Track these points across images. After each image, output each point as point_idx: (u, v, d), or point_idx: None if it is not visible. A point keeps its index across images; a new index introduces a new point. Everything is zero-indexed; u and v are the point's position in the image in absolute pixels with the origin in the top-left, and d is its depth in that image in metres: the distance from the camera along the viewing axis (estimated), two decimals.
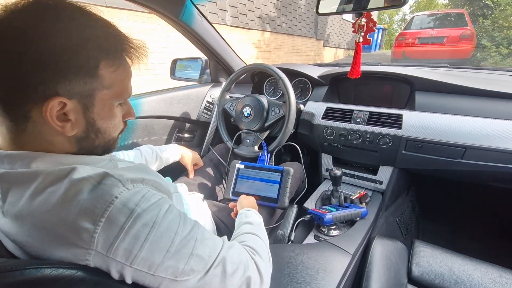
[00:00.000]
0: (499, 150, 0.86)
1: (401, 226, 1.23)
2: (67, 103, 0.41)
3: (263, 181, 0.96)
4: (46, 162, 0.42)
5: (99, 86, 0.44)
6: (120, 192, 0.40)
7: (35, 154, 0.42)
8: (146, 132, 1.27)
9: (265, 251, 0.59)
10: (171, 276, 0.41)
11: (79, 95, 0.42)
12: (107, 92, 0.45)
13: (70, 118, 0.43)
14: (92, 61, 0.42)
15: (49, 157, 0.43)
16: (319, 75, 1.28)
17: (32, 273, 0.33)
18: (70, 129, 0.43)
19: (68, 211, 0.37)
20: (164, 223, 0.41)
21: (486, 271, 0.74)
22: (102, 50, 0.42)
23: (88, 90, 0.43)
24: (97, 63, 0.42)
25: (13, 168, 0.41)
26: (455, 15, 6.37)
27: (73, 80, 0.40)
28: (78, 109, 0.43)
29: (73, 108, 0.42)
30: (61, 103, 0.40)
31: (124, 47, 0.46)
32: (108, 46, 0.43)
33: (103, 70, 0.43)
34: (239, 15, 5.15)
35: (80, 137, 0.46)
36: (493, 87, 0.96)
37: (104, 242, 0.37)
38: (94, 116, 0.45)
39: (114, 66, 0.45)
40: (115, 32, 0.45)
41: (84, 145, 0.47)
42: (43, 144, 0.43)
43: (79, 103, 0.43)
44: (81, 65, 0.41)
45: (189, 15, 1.17)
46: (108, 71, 0.44)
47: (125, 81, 0.48)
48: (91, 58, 0.41)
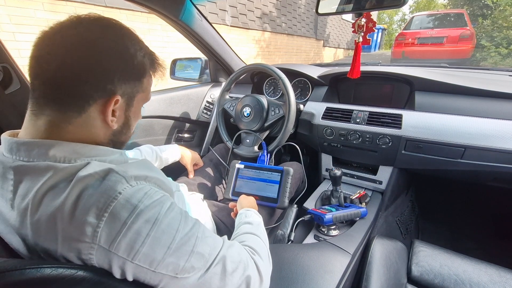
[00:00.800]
0: (498, 150, 0.86)
1: (400, 226, 1.24)
2: (120, 100, 0.48)
3: (263, 181, 0.96)
4: (62, 151, 0.43)
5: (139, 89, 0.52)
6: (123, 188, 0.40)
7: (52, 142, 0.43)
8: (146, 132, 1.27)
9: (264, 251, 0.59)
10: (172, 273, 0.42)
11: (127, 95, 0.49)
12: (142, 95, 0.53)
13: (116, 113, 0.49)
14: (143, 69, 0.51)
15: (66, 146, 0.44)
16: (319, 75, 1.29)
17: (32, 273, 0.33)
18: (115, 124, 0.49)
19: (74, 207, 0.38)
20: (166, 220, 0.42)
21: (486, 271, 0.74)
22: (150, 62, 0.52)
23: (133, 92, 0.51)
24: (145, 73, 0.51)
25: (30, 155, 0.42)
26: (455, 15, 6.37)
27: (129, 83, 0.49)
28: (123, 107, 0.50)
29: (120, 106, 0.49)
30: (117, 101, 0.47)
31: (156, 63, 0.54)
32: (151, 60, 0.53)
33: (145, 78, 0.52)
34: (239, 15, 5.15)
35: (117, 131, 0.51)
36: (493, 87, 0.96)
37: (107, 237, 0.38)
38: (130, 114, 0.53)
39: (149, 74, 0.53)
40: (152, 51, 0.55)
41: (116, 138, 0.52)
42: (82, 136, 0.46)
43: (124, 102, 0.50)
44: (138, 74, 0.50)
45: (188, 15, 1.17)
46: (147, 78, 0.53)
47: (150, 87, 0.56)
48: (144, 66, 0.50)
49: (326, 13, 0.93)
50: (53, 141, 0.43)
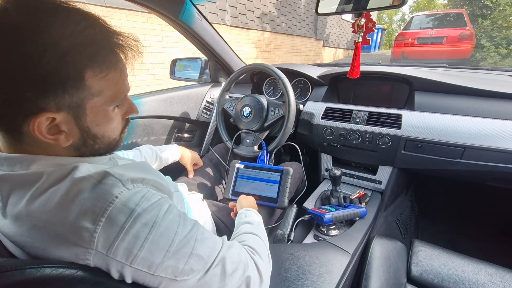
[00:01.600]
0: (498, 150, 0.86)
1: (400, 226, 1.24)
2: (56, 116, 0.39)
3: (263, 181, 0.96)
4: (46, 164, 0.42)
5: (87, 95, 0.41)
6: (120, 192, 0.40)
7: (34, 157, 0.42)
8: (145, 132, 1.27)
9: (264, 251, 0.59)
10: (171, 275, 0.41)
11: (67, 107, 0.40)
12: (98, 99, 0.42)
13: (63, 129, 0.41)
14: (75, 72, 0.38)
15: (49, 160, 0.43)
16: (319, 75, 1.29)
17: (32, 273, 0.33)
18: (65, 140, 0.42)
19: (69, 211, 0.38)
20: (164, 223, 0.41)
21: (485, 271, 0.74)
22: (86, 58, 0.39)
23: (76, 101, 0.40)
24: (81, 74, 0.39)
25: (13, 170, 0.41)
26: (454, 15, 6.37)
27: (57, 94, 0.38)
28: (69, 120, 0.41)
29: (64, 120, 0.40)
30: (49, 118, 0.39)
31: (114, 47, 0.42)
32: (93, 51, 0.39)
33: (90, 79, 0.40)
34: (239, 15, 5.15)
35: (78, 145, 0.44)
36: (492, 87, 0.96)
37: (104, 242, 0.37)
38: (87, 124, 0.43)
39: (103, 72, 0.41)
40: (103, 31, 0.41)
41: (84, 150, 0.46)
42: (40, 150, 0.43)
43: (69, 114, 0.40)
44: (63, 79, 0.37)
45: (188, 15, 1.17)
46: (96, 78, 0.40)
47: (118, 84, 0.44)
48: (73, 70, 0.38)
49: (326, 13, 0.93)
50: (35, 156, 0.42)
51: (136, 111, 0.53)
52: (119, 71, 0.44)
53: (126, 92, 0.48)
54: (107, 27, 0.42)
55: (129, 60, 0.45)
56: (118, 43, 0.42)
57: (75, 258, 0.38)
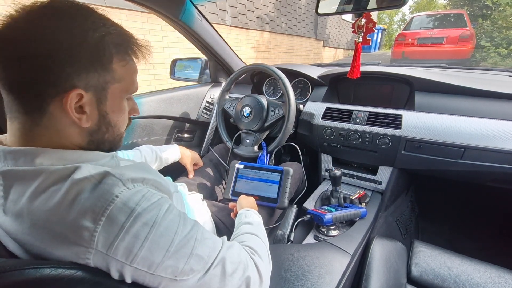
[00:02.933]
0: (498, 151, 0.86)
1: (400, 226, 1.24)
2: (84, 95, 0.43)
3: (263, 181, 0.96)
4: (50, 158, 0.42)
5: (111, 79, 0.46)
6: (120, 191, 0.40)
7: (38, 150, 0.42)
8: (145, 132, 1.27)
9: (264, 251, 0.59)
10: (171, 275, 0.41)
11: (94, 88, 0.44)
12: (118, 86, 0.47)
13: (85, 110, 0.44)
14: (107, 55, 0.44)
15: (53, 153, 0.43)
16: (319, 75, 1.29)
17: (31, 273, 0.33)
18: (85, 121, 0.45)
19: (69, 210, 0.38)
20: (164, 223, 0.42)
21: (485, 271, 0.74)
22: (115, 46, 0.45)
23: (102, 83, 0.45)
24: (111, 58, 0.44)
25: (17, 164, 0.41)
26: (455, 16, 6.37)
27: (89, 73, 0.42)
28: (93, 101, 0.45)
29: (89, 100, 0.44)
30: (79, 95, 0.42)
31: (131, 45, 0.48)
32: (119, 42, 0.46)
33: (116, 64, 0.45)
34: (239, 15, 5.15)
35: (93, 130, 0.47)
36: (492, 87, 0.96)
37: (104, 241, 0.37)
38: (106, 109, 0.47)
39: (124, 61, 0.47)
40: (123, 30, 0.48)
41: (95, 138, 0.48)
42: (54, 138, 0.44)
43: (94, 96, 0.44)
44: (97, 59, 0.43)
45: (188, 15, 1.17)
46: (119, 65, 0.46)
47: (133, 76, 0.50)
48: (106, 53, 0.44)
49: (326, 13, 0.93)
50: (39, 149, 0.42)
51: (137, 111, 0.56)
52: (133, 64, 0.50)
53: (137, 87, 0.52)
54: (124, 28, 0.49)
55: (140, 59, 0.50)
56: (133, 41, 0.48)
57: (75, 258, 0.38)
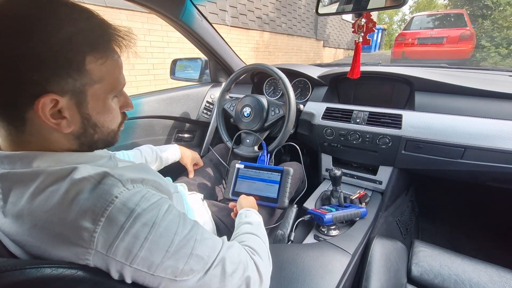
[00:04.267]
0: (498, 150, 0.86)
1: (400, 226, 1.24)
2: (59, 100, 0.40)
3: (263, 181, 0.96)
4: (46, 161, 0.42)
5: (89, 81, 0.42)
6: (120, 192, 0.40)
7: (35, 154, 0.42)
8: (146, 132, 1.27)
9: (264, 251, 0.59)
10: (171, 276, 0.41)
11: (70, 92, 0.41)
12: (99, 87, 0.44)
13: (65, 115, 0.42)
14: (77, 56, 0.40)
15: (50, 156, 0.43)
16: (319, 75, 1.29)
17: (32, 273, 0.33)
18: (66, 126, 0.43)
19: (69, 211, 0.38)
20: (164, 223, 0.42)
21: (486, 271, 0.74)
22: (87, 44, 0.41)
23: (79, 87, 0.42)
24: (83, 58, 0.41)
25: (14, 167, 0.41)
26: (455, 16, 6.37)
27: (61, 77, 0.39)
28: (71, 105, 0.42)
29: (66, 105, 0.41)
30: (53, 100, 0.40)
31: (110, 37, 0.44)
32: (93, 38, 0.42)
33: (91, 65, 0.42)
34: (239, 15, 5.15)
35: (78, 133, 0.45)
36: (493, 87, 0.96)
37: (104, 242, 0.37)
38: (89, 111, 0.44)
39: (102, 59, 0.43)
40: (100, 22, 0.43)
41: (84, 140, 0.47)
42: (43, 143, 0.43)
43: (71, 100, 0.42)
44: (66, 62, 0.39)
45: (189, 15, 1.17)
46: (96, 64, 0.42)
47: (115, 72, 0.46)
48: (76, 54, 0.40)
49: (326, 13, 0.93)
50: (36, 153, 0.42)
51: (131, 106, 0.54)
52: (116, 59, 0.46)
53: (123, 83, 0.49)
54: (103, 19, 0.44)
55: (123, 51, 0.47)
56: (113, 33, 0.44)
57: (75, 258, 0.38)
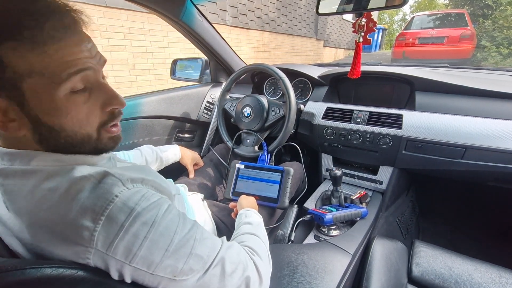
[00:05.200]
0: (499, 150, 0.86)
1: (401, 226, 1.23)
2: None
3: (263, 181, 0.96)
4: (45, 161, 0.42)
5: (15, 75, 0.36)
6: (120, 191, 0.40)
7: (33, 153, 0.42)
8: (146, 132, 1.27)
9: (264, 251, 0.59)
10: (170, 275, 0.41)
11: (3, 90, 0.36)
12: (35, 80, 0.37)
13: (12, 117, 0.39)
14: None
15: (48, 156, 0.43)
16: (319, 75, 1.29)
17: (32, 273, 0.33)
18: (17, 129, 0.40)
19: (69, 209, 0.38)
20: (164, 222, 0.42)
21: (487, 271, 0.74)
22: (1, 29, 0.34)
23: (8, 83, 0.36)
24: None
25: (13, 164, 0.42)
26: (455, 15, 6.37)
27: None
28: (13, 105, 0.38)
29: (6, 105, 0.37)
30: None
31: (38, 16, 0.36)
32: (3, 25, 0.34)
33: (9, 56, 0.35)
34: (239, 15, 5.15)
35: (36, 137, 0.41)
36: (494, 87, 0.96)
37: (104, 240, 0.37)
38: (35, 112, 0.39)
39: (28, 46, 0.35)
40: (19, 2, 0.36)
41: (49, 145, 0.42)
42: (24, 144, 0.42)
43: (10, 99, 0.37)
44: None
45: (189, 15, 1.17)
46: (19, 53, 0.35)
47: (60, 60, 0.37)
48: None
49: (326, 13, 0.93)
50: (36, 152, 0.42)
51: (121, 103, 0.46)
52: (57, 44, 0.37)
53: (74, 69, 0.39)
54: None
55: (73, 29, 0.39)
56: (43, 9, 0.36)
57: (75, 257, 0.38)
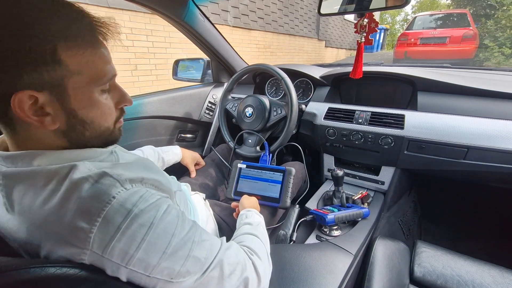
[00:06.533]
0: (502, 151, 0.85)
1: (403, 227, 1.23)
2: (38, 96, 0.38)
3: (265, 181, 0.96)
4: (47, 159, 0.42)
5: (66, 73, 0.40)
6: (117, 192, 0.40)
7: (35, 153, 0.42)
8: (148, 133, 1.28)
9: (263, 251, 0.58)
10: (167, 277, 0.41)
11: (48, 86, 0.39)
12: (80, 78, 0.41)
13: (48, 111, 0.40)
14: (46, 47, 0.37)
15: (49, 154, 0.43)
16: (321, 76, 1.29)
17: (36, 272, 0.33)
18: (51, 123, 0.41)
19: (66, 210, 0.38)
20: (162, 224, 0.41)
21: (489, 272, 0.74)
22: (57, 33, 0.38)
23: (56, 79, 0.39)
24: (54, 49, 0.38)
25: (16, 166, 0.42)
26: (458, 15, 6.34)
27: (33, 71, 0.37)
28: (53, 101, 0.40)
29: (47, 100, 0.40)
30: (32, 97, 0.38)
31: (88, 26, 0.41)
32: (64, 27, 0.39)
33: (65, 54, 0.39)
34: (241, 16, 5.16)
35: (66, 130, 0.43)
36: (496, 87, 0.96)
37: (100, 242, 0.37)
38: (73, 106, 0.42)
39: (78, 49, 0.40)
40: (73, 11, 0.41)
41: (73, 137, 0.45)
42: (37, 142, 0.43)
43: (52, 95, 0.40)
44: (35, 54, 0.37)
45: (191, 16, 1.18)
46: (72, 54, 0.39)
47: (98, 63, 0.43)
48: (45, 44, 0.37)
49: (328, 13, 0.93)
50: (37, 151, 0.42)
51: (129, 101, 0.51)
52: (97, 49, 0.43)
53: (110, 76, 0.46)
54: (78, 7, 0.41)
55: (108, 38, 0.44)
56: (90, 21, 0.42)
57: (71, 258, 0.38)
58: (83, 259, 0.38)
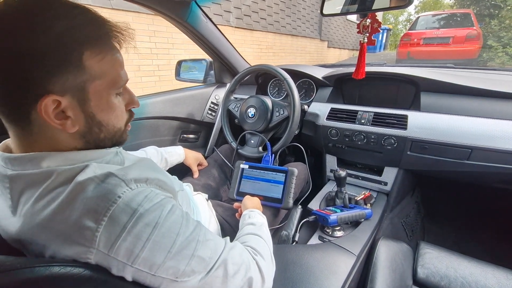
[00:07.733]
0: (506, 151, 0.85)
1: (406, 228, 1.23)
2: (61, 100, 0.40)
3: (268, 182, 0.96)
4: (56, 161, 0.43)
5: (89, 77, 0.42)
6: (123, 191, 0.40)
7: (43, 154, 0.42)
8: (151, 133, 1.28)
9: (267, 252, 0.59)
10: (172, 276, 0.42)
11: (71, 90, 0.41)
12: (100, 83, 0.43)
13: (69, 115, 0.42)
14: (74, 53, 0.39)
15: (58, 156, 0.43)
16: (324, 76, 1.28)
17: (41, 271, 0.33)
18: (71, 126, 0.43)
19: (72, 210, 0.38)
20: (166, 224, 0.42)
21: (493, 274, 0.73)
22: (84, 39, 0.40)
23: (79, 84, 0.41)
24: (80, 54, 0.40)
25: (24, 168, 0.42)
26: (461, 15, 6.30)
27: (59, 75, 0.39)
28: (74, 104, 0.42)
29: (69, 104, 0.41)
30: (55, 101, 0.39)
31: (107, 32, 0.43)
32: (89, 33, 0.41)
33: (89, 60, 0.41)
34: (243, 17, 5.17)
35: (84, 132, 0.45)
36: (500, 87, 0.95)
37: (106, 241, 0.38)
38: (92, 109, 0.44)
39: (100, 54, 0.42)
40: (96, 17, 0.43)
41: (90, 139, 0.46)
42: (50, 144, 0.44)
43: (73, 99, 0.41)
44: (63, 59, 0.39)
45: (194, 17, 1.18)
46: (95, 60, 0.42)
47: (116, 68, 0.46)
48: (72, 50, 0.39)
49: (331, 14, 0.93)
50: (44, 153, 0.42)
51: (137, 103, 0.54)
52: (115, 55, 0.45)
53: (125, 80, 0.49)
54: (99, 15, 0.43)
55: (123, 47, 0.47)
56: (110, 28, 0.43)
57: (77, 257, 0.38)
58: (89, 258, 0.38)
